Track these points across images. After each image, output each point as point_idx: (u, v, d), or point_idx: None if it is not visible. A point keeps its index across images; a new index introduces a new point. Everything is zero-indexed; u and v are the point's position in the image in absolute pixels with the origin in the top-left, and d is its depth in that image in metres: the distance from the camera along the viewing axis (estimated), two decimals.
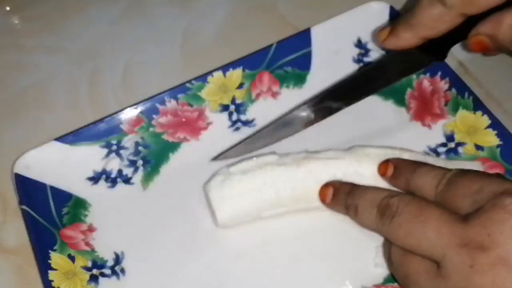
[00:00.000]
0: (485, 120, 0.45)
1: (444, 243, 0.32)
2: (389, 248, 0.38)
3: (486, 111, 0.45)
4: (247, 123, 0.49)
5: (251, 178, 0.43)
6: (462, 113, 0.46)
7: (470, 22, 0.39)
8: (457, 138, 0.46)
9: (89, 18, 0.59)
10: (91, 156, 0.46)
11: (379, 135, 0.47)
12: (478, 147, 0.45)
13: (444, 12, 0.36)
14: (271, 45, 0.49)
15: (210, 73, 0.48)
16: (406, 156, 0.43)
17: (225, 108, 0.49)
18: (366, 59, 0.50)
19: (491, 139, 0.45)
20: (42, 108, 0.53)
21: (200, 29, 0.57)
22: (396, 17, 0.49)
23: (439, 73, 0.47)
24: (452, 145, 0.46)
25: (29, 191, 0.44)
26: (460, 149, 0.46)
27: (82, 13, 0.59)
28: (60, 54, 0.56)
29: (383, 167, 0.42)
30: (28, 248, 0.44)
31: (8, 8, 0.60)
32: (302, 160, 0.43)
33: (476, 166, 0.44)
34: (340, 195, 0.41)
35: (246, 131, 0.48)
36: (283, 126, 0.44)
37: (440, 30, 0.39)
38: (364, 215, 0.38)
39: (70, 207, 0.44)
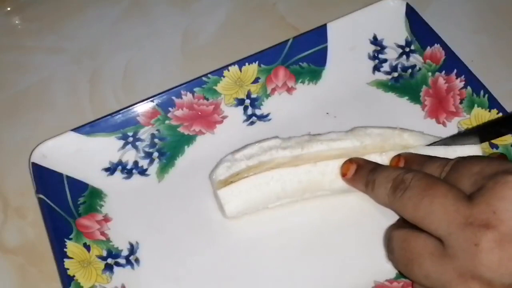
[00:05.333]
0: None
1: (449, 221, 0.33)
2: (390, 235, 0.38)
3: (502, 109, 0.45)
4: (262, 117, 0.49)
5: (257, 171, 0.43)
6: (477, 111, 0.46)
7: None
8: None
9: (89, 18, 0.59)
10: (108, 147, 0.46)
11: None
12: (493, 145, 0.45)
13: None
14: (287, 40, 0.49)
15: (226, 67, 0.48)
16: (405, 135, 0.44)
17: (240, 102, 0.49)
18: (381, 56, 0.51)
19: (506, 138, 0.45)
20: (42, 108, 0.53)
21: (200, 29, 0.57)
22: (412, 15, 0.49)
23: (455, 71, 0.47)
24: None
25: (46, 180, 0.44)
26: None
27: (82, 13, 0.59)
28: (61, 54, 0.57)
29: (395, 160, 0.42)
30: (29, 247, 0.45)
31: (9, 9, 0.60)
32: (306, 143, 0.44)
33: (475, 149, 0.43)
34: (363, 172, 0.41)
35: (260, 126, 0.49)
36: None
37: None
38: (379, 189, 0.39)
39: (86, 197, 0.45)
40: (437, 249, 0.33)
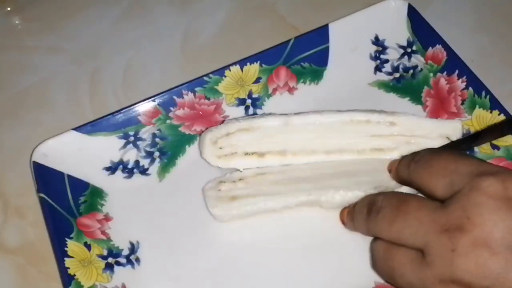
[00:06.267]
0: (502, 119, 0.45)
1: (425, 231, 0.33)
2: (372, 246, 0.38)
3: (503, 110, 0.45)
4: None
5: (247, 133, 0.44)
6: (478, 112, 0.46)
7: None
8: None
9: (89, 18, 0.59)
10: (109, 146, 0.46)
11: None
12: (494, 147, 0.45)
13: None
14: (288, 40, 0.49)
15: (227, 67, 0.48)
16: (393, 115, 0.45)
17: (241, 102, 0.49)
18: (383, 56, 0.51)
19: (507, 139, 0.45)
20: (42, 108, 0.53)
21: (200, 29, 0.57)
22: (414, 16, 0.49)
23: (456, 71, 0.47)
24: None
25: (47, 179, 0.44)
26: (475, 148, 0.46)
27: (82, 13, 0.59)
28: (61, 54, 0.57)
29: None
30: (29, 248, 0.45)
31: (9, 9, 0.60)
32: (297, 113, 0.45)
33: (456, 124, 0.44)
34: (350, 215, 0.42)
35: None
36: None
37: None
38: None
39: (87, 196, 0.45)
40: (417, 257, 0.34)
